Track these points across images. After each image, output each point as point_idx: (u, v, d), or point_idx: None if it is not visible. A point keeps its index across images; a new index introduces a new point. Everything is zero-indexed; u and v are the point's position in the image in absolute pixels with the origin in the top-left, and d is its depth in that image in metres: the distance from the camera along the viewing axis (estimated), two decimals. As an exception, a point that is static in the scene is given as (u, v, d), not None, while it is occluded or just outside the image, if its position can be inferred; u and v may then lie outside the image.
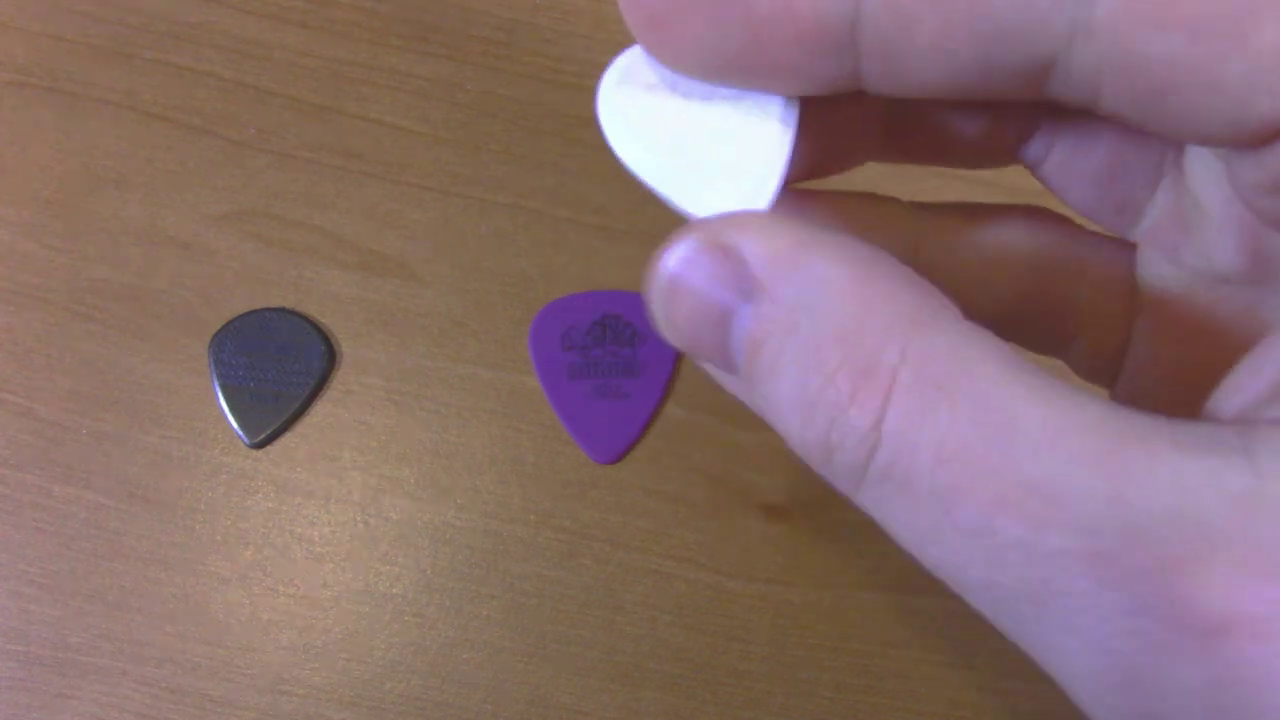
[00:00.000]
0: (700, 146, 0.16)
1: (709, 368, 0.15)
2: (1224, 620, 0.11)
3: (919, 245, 0.19)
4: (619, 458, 0.36)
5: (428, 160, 0.38)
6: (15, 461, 0.35)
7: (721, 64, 0.15)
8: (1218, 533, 0.11)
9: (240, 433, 0.35)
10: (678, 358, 0.36)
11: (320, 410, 0.36)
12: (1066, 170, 0.18)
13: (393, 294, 0.37)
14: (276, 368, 0.36)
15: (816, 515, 0.35)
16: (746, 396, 0.15)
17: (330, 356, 0.36)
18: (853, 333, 0.13)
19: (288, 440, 0.36)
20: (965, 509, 0.12)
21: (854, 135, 0.18)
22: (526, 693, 0.33)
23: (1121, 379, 0.19)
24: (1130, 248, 0.19)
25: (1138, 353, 0.19)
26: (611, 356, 0.36)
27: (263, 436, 0.35)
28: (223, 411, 0.35)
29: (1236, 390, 0.14)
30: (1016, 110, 0.18)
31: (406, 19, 0.40)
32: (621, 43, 0.18)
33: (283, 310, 0.36)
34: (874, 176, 0.21)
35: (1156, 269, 0.18)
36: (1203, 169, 0.16)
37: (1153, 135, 0.17)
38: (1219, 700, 0.11)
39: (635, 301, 0.37)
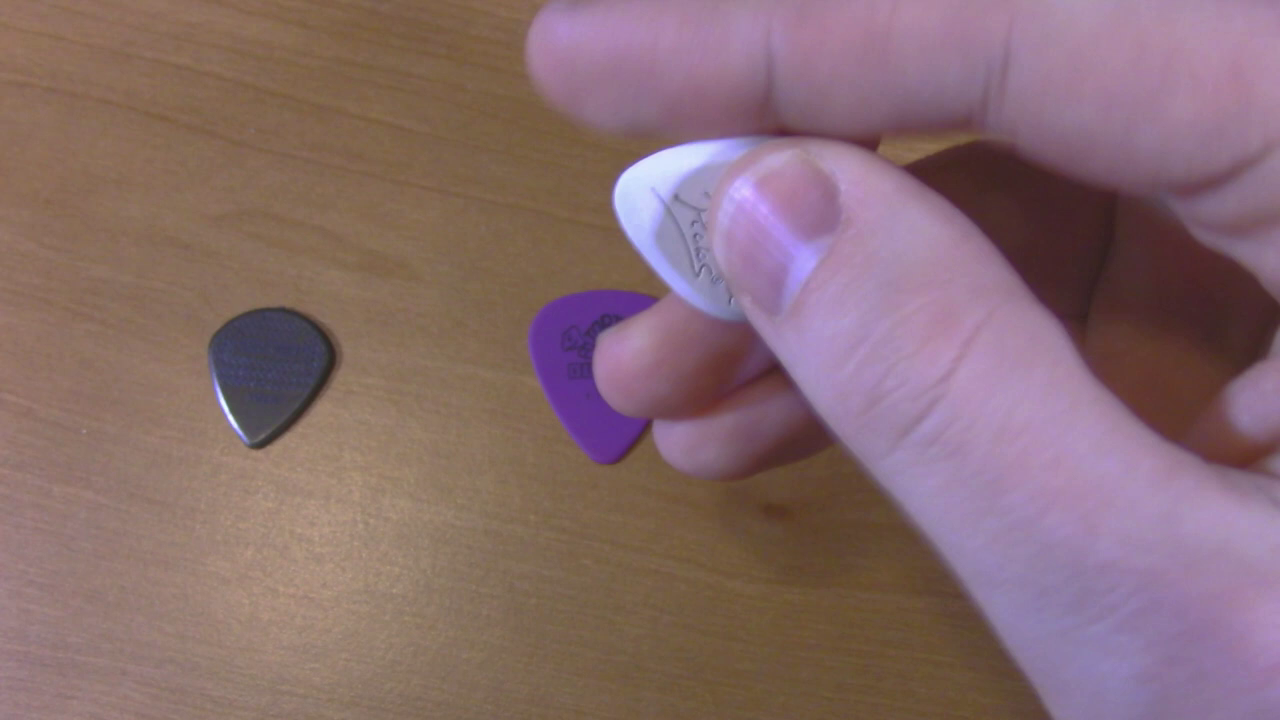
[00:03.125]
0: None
1: (745, 302, 0.15)
2: (1273, 658, 0.11)
3: None
4: (619, 458, 0.36)
5: (428, 160, 0.38)
6: (15, 461, 0.35)
7: (642, 129, 0.15)
8: (1265, 575, 0.11)
9: (240, 433, 0.35)
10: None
11: (320, 410, 0.36)
12: None
13: (393, 294, 0.37)
14: (276, 368, 0.36)
15: (816, 515, 0.35)
16: (774, 336, 0.14)
17: (330, 356, 0.36)
18: (940, 283, 0.12)
19: (288, 440, 0.36)
20: (1017, 493, 0.11)
21: None
22: (526, 693, 0.33)
23: None
24: None
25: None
26: (611, 356, 0.36)
27: (263, 436, 0.35)
28: (223, 411, 0.35)
29: (1234, 427, 0.14)
30: None
31: (406, 19, 0.40)
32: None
33: (283, 310, 0.36)
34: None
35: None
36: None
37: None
38: None
39: (635, 302, 0.37)
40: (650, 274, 0.41)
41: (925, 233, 0.13)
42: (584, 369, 0.36)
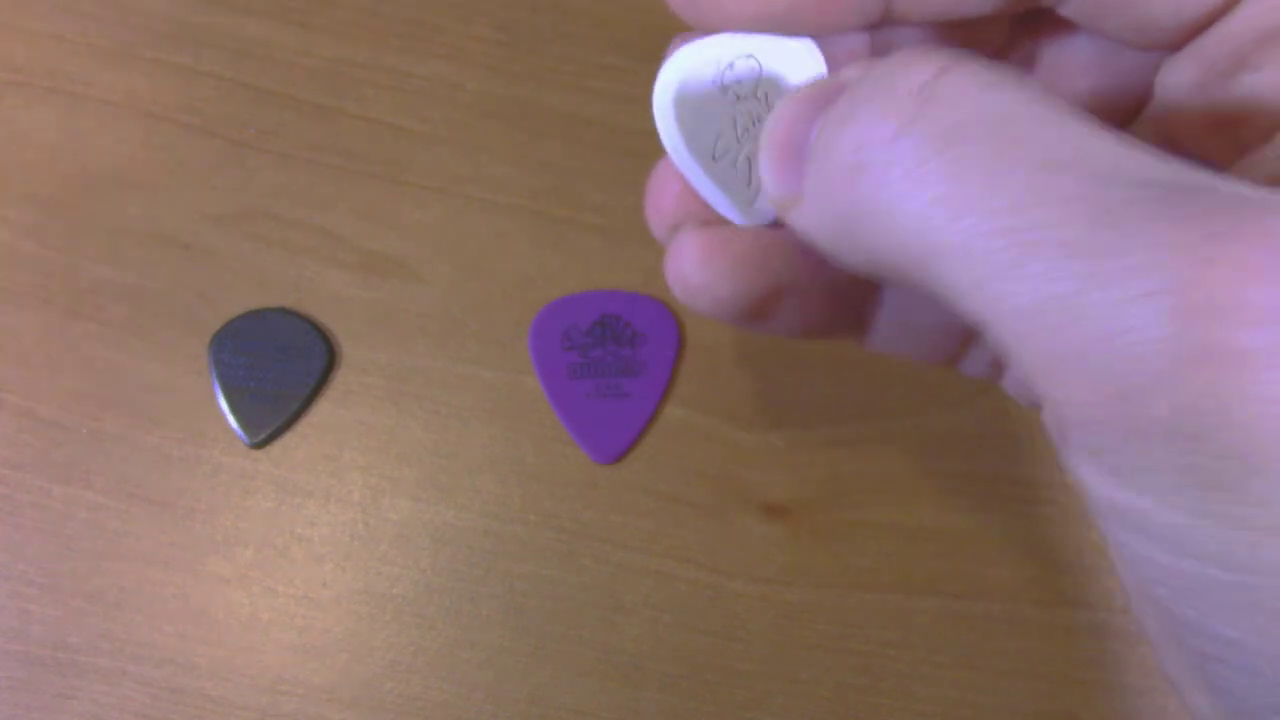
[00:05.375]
0: (747, 154, 0.17)
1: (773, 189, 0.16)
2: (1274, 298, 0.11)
3: None
4: (619, 458, 0.36)
5: (428, 160, 0.38)
6: (15, 461, 0.35)
7: (766, 18, 0.16)
8: (1260, 204, 0.11)
9: (240, 433, 0.35)
10: (677, 358, 0.36)
11: (320, 410, 0.36)
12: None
13: (393, 294, 0.37)
14: (276, 368, 0.36)
15: (816, 515, 0.35)
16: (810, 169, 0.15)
17: (330, 356, 0.36)
18: (912, 54, 0.14)
19: (288, 440, 0.36)
20: (1013, 176, 0.12)
21: None
22: (526, 693, 0.33)
23: None
24: None
25: None
26: (611, 356, 0.36)
27: (263, 436, 0.35)
28: (223, 411, 0.35)
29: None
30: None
31: (406, 19, 0.40)
32: (622, 41, 0.18)
33: (283, 310, 0.36)
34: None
35: None
36: None
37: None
38: None
39: (635, 301, 0.37)
40: (650, 273, 0.41)
41: (905, 61, 0.14)
42: (584, 369, 0.36)
